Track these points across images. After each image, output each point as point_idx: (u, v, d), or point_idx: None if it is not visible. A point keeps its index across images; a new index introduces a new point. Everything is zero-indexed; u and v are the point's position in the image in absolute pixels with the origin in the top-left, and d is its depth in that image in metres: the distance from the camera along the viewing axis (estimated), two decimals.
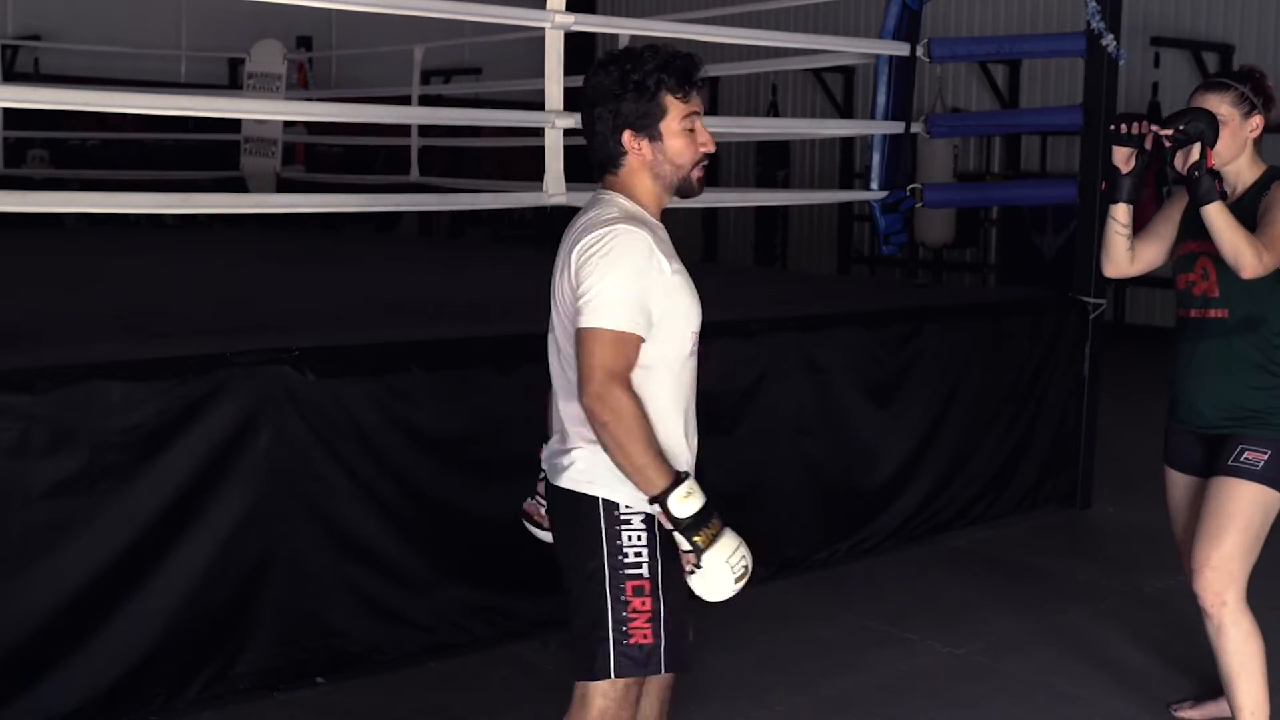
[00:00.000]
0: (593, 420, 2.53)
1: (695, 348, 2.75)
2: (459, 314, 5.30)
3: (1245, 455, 3.41)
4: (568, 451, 2.66)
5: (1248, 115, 3.42)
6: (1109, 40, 5.80)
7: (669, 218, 2.83)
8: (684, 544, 2.54)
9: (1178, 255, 3.59)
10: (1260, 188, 3.43)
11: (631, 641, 2.59)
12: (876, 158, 6.47)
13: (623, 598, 2.59)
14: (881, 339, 5.51)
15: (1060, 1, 11.64)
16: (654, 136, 2.63)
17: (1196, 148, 3.30)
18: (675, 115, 2.62)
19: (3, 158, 10.33)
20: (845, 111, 13.58)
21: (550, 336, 2.71)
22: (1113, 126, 3.42)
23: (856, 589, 5.08)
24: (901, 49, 6.26)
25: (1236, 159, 3.45)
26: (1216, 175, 3.32)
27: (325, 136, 11.15)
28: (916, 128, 6.44)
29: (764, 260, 13.75)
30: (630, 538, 2.60)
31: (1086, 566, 5.36)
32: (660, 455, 2.54)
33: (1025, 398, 6.02)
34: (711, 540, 2.53)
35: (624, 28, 7.39)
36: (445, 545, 4.22)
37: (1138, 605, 4.86)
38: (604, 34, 11.41)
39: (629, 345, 2.56)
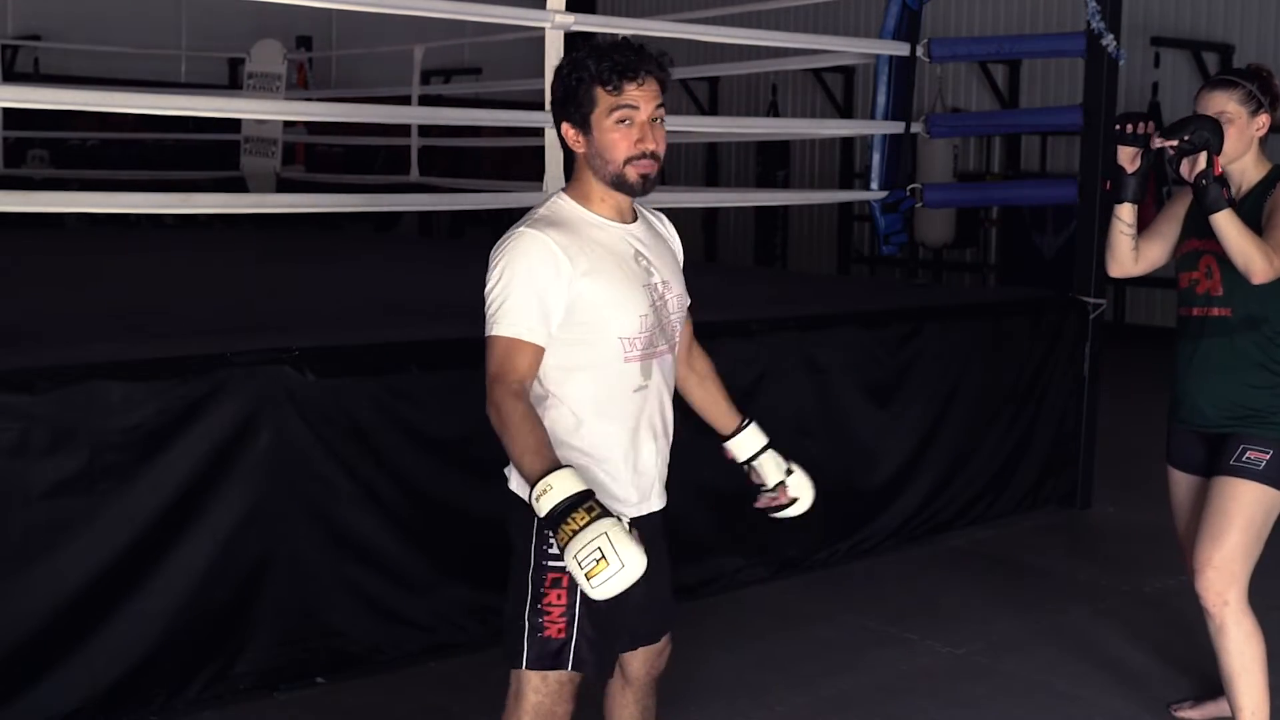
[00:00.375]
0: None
1: (634, 353, 2.65)
2: (459, 314, 5.29)
3: (1248, 455, 3.41)
4: None
5: (1255, 114, 3.42)
6: (1109, 40, 5.80)
7: (670, 217, 2.82)
8: (554, 545, 2.45)
9: (1180, 254, 3.59)
10: (1266, 187, 3.43)
11: (544, 634, 2.61)
12: (876, 158, 6.47)
13: (541, 589, 2.61)
14: (881, 339, 5.51)
15: (1060, 1, 11.64)
16: (587, 129, 2.61)
17: (1204, 155, 3.29)
18: (604, 108, 2.58)
19: (3, 158, 10.34)
20: (845, 111, 13.58)
21: None
22: (1118, 126, 3.42)
23: (856, 589, 5.08)
24: (901, 49, 6.26)
25: (1242, 157, 3.44)
26: (1224, 182, 3.31)
27: (325, 136, 11.16)
28: (916, 128, 6.45)
29: (764, 260, 13.75)
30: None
31: (1086, 566, 5.36)
32: (541, 451, 2.45)
33: (1025, 398, 6.02)
34: (569, 537, 2.37)
35: (624, 28, 7.38)
36: (445, 545, 4.22)
37: (1138, 605, 4.86)
38: (604, 34, 11.45)
39: (518, 352, 2.55)
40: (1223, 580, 3.40)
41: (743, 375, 5.00)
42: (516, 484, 2.66)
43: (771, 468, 3.13)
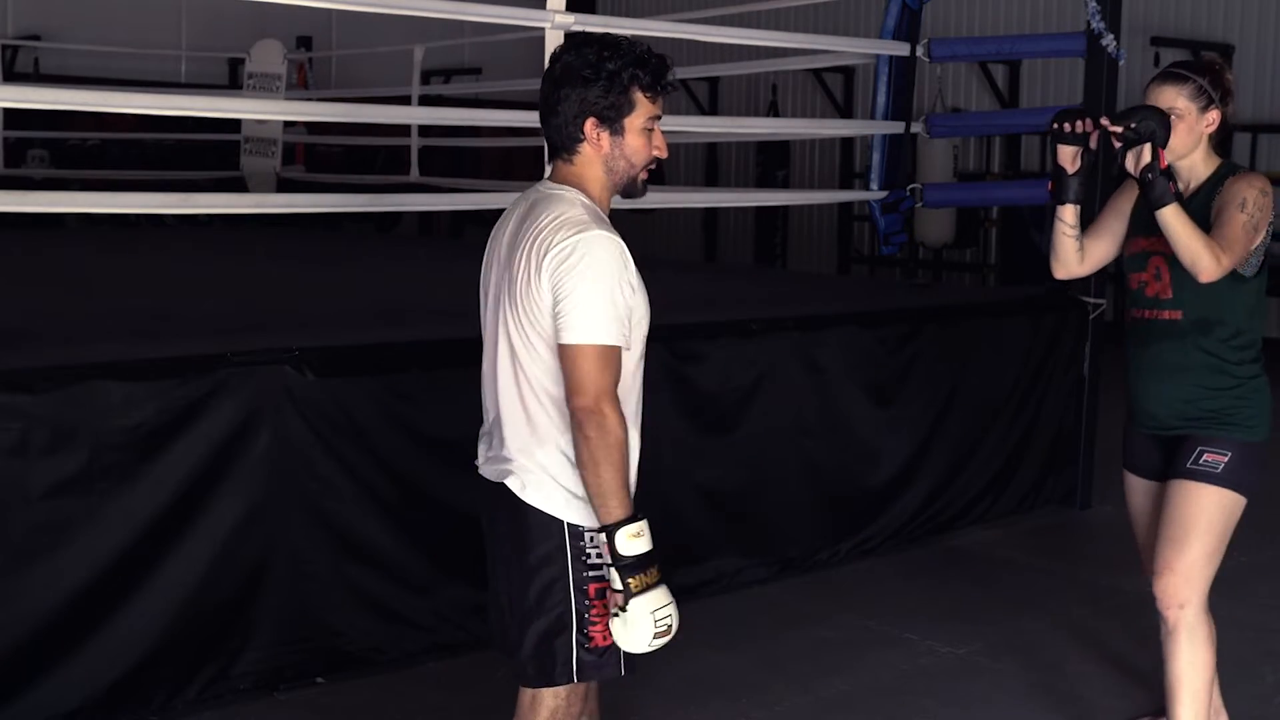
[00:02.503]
0: (579, 432, 2.48)
1: (643, 352, 2.68)
2: (459, 314, 5.30)
3: (1205, 457, 3.32)
4: (513, 462, 2.61)
5: (1205, 109, 3.31)
6: (1109, 40, 5.80)
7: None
8: (616, 583, 2.47)
9: (1128, 254, 3.48)
10: (1214, 184, 3.32)
11: (592, 645, 2.57)
12: (876, 158, 6.47)
13: (586, 600, 2.56)
14: (881, 339, 5.51)
15: (1060, 1, 11.65)
16: (616, 130, 2.57)
17: (1148, 148, 3.18)
18: (641, 113, 2.57)
19: (3, 158, 10.34)
20: (845, 111, 13.58)
21: (492, 332, 2.65)
22: (1055, 125, 3.28)
23: (857, 589, 5.08)
24: (901, 49, 6.26)
25: (1191, 154, 3.33)
26: (1171, 176, 3.21)
27: (325, 136, 11.16)
28: (916, 128, 6.45)
29: (764, 260, 13.74)
30: (594, 538, 2.54)
31: (1086, 566, 5.36)
32: (627, 487, 2.49)
33: (1025, 397, 6.02)
34: (644, 588, 2.45)
35: (624, 28, 7.38)
36: (445, 545, 4.21)
37: (1138, 605, 4.85)
38: (604, 34, 11.44)
39: (616, 359, 2.50)
40: (1182, 587, 3.33)
41: (743, 375, 5.01)
42: (541, 498, 2.58)
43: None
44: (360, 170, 11.22)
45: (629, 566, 2.45)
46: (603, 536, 2.49)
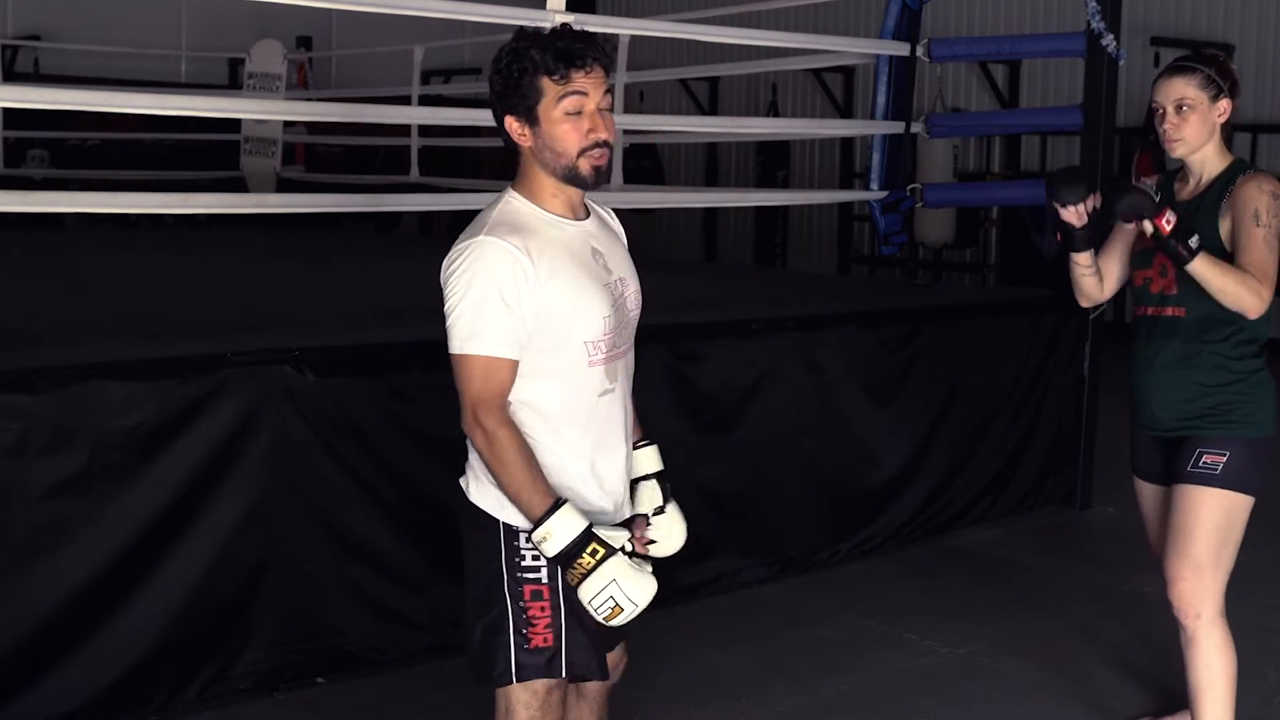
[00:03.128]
0: (473, 447, 2.50)
1: (605, 357, 2.56)
2: None
3: (1204, 459, 3.30)
4: (467, 461, 2.62)
5: (1216, 99, 3.28)
6: (1109, 40, 5.80)
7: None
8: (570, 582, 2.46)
9: (1135, 251, 3.48)
10: (1226, 180, 3.30)
11: (531, 646, 2.53)
12: (876, 158, 6.47)
13: (521, 602, 2.53)
14: (881, 339, 5.51)
15: (1060, 1, 11.65)
16: (534, 121, 2.47)
17: (1147, 223, 3.19)
18: (551, 98, 2.45)
19: (3, 158, 10.34)
20: (845, 111, 13.58)
21: None
22: (1059, 204, 3.33)
23: (857, 589, 5.08)
24: (901, 49, 6.26)
25: (1204, 146, 3.31)
26: (1185, 232, 3.19)
27: (325, 136, 11.16)
28: (916, 128, 6.45)
29: (764, 260, 13.74)
30: (529, 538, 2.50)
31: (1086, 566, 5.36)
32: (536, 485, 2.43)
33: (1025, 398, 6.02)
34: (581, 578, 2.41)
35: (624, 28, 7.40)
36: (445, 545, 4.19)
37: (1138, 605, 4.86)
38: (604, 34, 11.42)
39: (497, 370, 2.45)
40: (1194, 594, 3.32)
41: (743, 375, 5.00)
42: (479, 497, 2.57)
43: (643, 498, 2.76)
44: (360, 170, 11.22)
45: (562, 561, 2.43)
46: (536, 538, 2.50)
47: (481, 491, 2.58)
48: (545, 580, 2.53)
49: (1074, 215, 3.33)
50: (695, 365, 4.85)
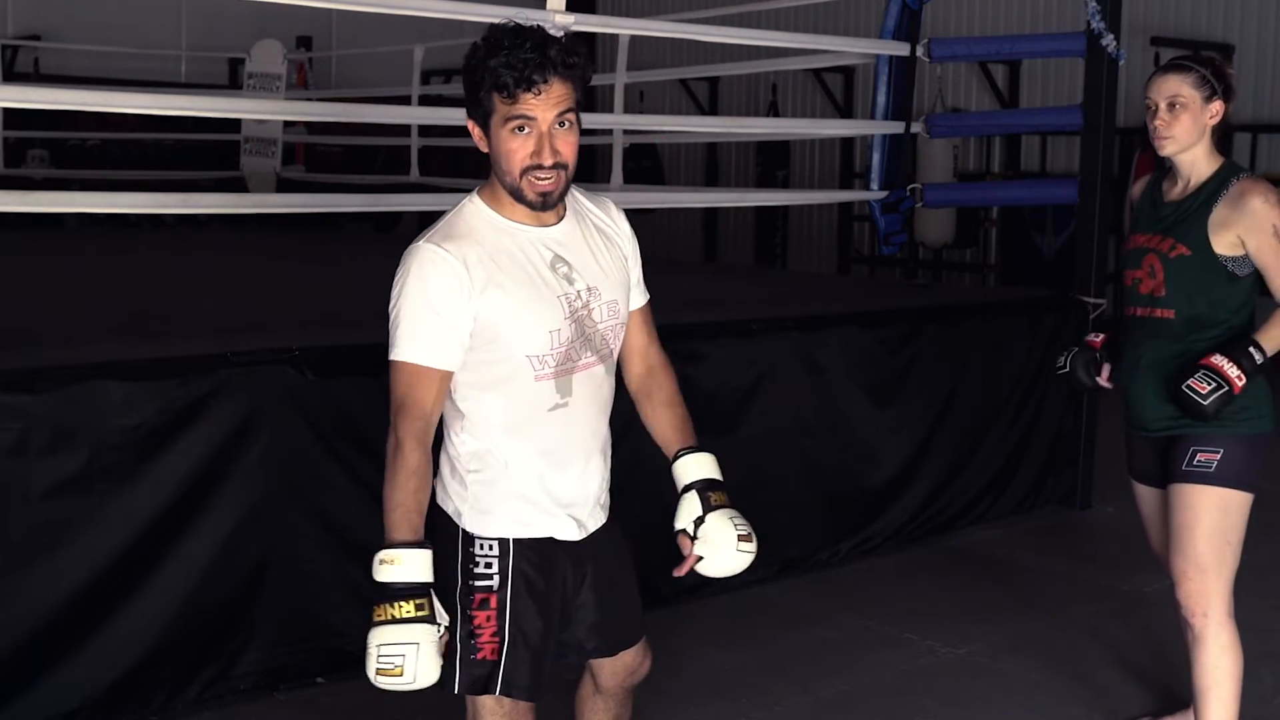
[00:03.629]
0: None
1: (546, 371, 2.46)
2: None
3: (1198, 458, 3.28)
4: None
5: (1209, 99, 3.26)
6: (1109, 40, 5.80)
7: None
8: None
9: (1126, 249, 3.46)
10: (1217, 185, 3.28)
11: (475, 657, 2.48)
12: (876, 158, 6.47)
13: (469, 610, 2.48)
14: (881, 339, 5.51)
15: (1060, 1, 11.64)
16: (487, 131, 2.42)
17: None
18: (499, 116, 2.37)
19: (3, 158, 10.34)
20: (845, 111, 13.56)
21: None
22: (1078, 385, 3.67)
23: (857, 589, 5.08)
24: (901, 49, 6.26)
25: (1194, 146, 3.29)
26: (1244, 356, 3.19)
27: (325, 136, 11.16)
28: (916, 128, 6.45)
29: (764, 260, 13.74)
30: (484, 547, 2.49)
31: (1086, 566, 5.36)
32: (411, 515, 2.35)
33: (1025, 397, 6.02)
34: (384, 620, 2.31)
35: (624, 28, 7.40)
36: None
37: (1138, 605, 4.86)
38: (604, 34, 11.39)
39: (422, 378, 2.39)
40: (1199, 593, 3.31)
41: (743, 375, 5.01)
42: (443, 500, 2.54)
43: (681, 512, 2.63)
44: (360, 170, 11.21)
45: (379, 593, 2.33)
46: (494, 546, 2.48)
47: (445, 496, 2.54)
48: (495, 589, 2.49)
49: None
50: (695, 365, 4.85)
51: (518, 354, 2.44)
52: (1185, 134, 3.27)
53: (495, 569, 2.49)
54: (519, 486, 2.51)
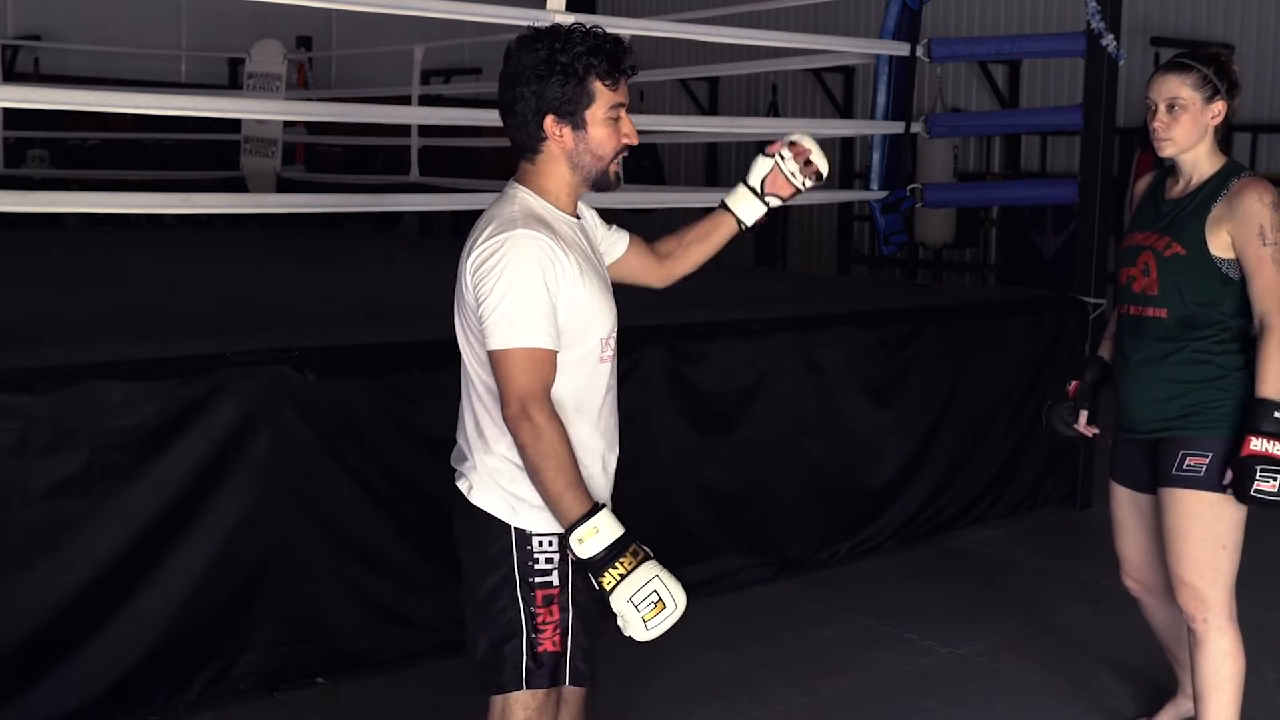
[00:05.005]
0: (515, 440, 2.44)
1: (608, 354, 2.58)
2: None
3: (1187, 461, 3.24)
4: (465, 463, 2.59)
5: (1210, 100, 3.22)
6: (1109, 40, 5.80)
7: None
8: (595, 586, 2.41)
9: (1123, 247, 3.43)
10: (1218, 183, 3.25)
11: (540, 650, 2.52)
12: (876, 158, 6.47)
13: (533, 607, 2.51)
14: (881, 339, 5.51)
15: (1060, 1, 11.64)
16: (578, 124, 2.49)
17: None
18: (602, 104, 2.48)
19: (3, 158, 10.34)
20: (845, 111, 13.56)
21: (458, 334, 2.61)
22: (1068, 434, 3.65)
23: (857, 589, 5.08)
24: (901, 49, 6.26)
25: (1195, 147, 3.25)
26: (1267, 424, 3.13)
27: (325, 136, 11.16)
28: (916, 128, 6.45)
29: (764, 260, 13.73)
30: (541, 543, 2.51)
31: (1086, 566, 5.35)
32: (578, 486, 2.41)
33: (1025, 397, 6.02)
34: (617, 581, 2.37)
35: (624, 28, 7.38)
36: (445, 545, 4.18)
37: (1138, 605, 4.85)
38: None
39: (543, 362, 2.43)
40: (1198, 599, 3.29)
41: (743, 375, 5.00)
42: (485, 501, 2.54)
43: (784, 173, 3.12)
44: (360, 170, 11.21)
45: (597, 565, 2.38)
46: (552, 542, 2.49)
47: (488, 495, 2.54)
48: (556, 584, 2.52)
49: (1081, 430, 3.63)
50: (695, 365, 4.85)
51: (594, 336, 2.53)
52: (1185, 136, 3.24)
53: (555, 564, 2.51)
54: (586, 469, 2.52)
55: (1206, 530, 3.26)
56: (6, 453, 3.44)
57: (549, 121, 2.49)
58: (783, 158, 3.03)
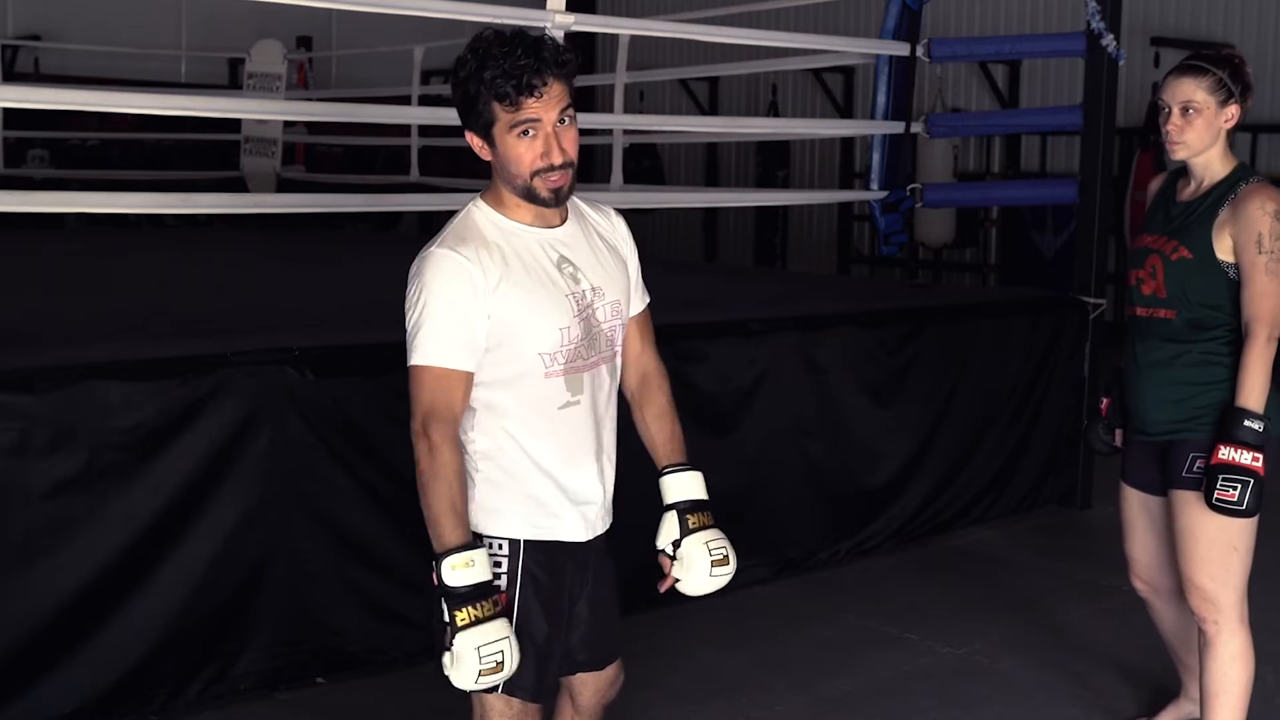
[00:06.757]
0: (414, 456, 2.44)
1: (564, 368, 2.50)
2: None
3: (1198, 464, 3.24)
4: None
5: (1224, 104, 3.22)
6: (1109, 40, 5.80)
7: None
8: (445, 616, 2.36)
9: (1131, 248, 3.44)
10: (1228, 187, 3.25)
11: None
12: (876, 158, 6.47)
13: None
14: (881, 339, 5.51)
15: (1060, 1, 11.64)
16: (490, 141, 2.46)
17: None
18: (504, 122, 2.41)
19: (3, 158, 10.34)
20: (845, 111, 13.57)
21: None
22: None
23: (857, 589, 5.08)
24: (901, 49, 6.26)
25: (1208, 150, 3.26)
26: (1241, 432, 3.14)
27: (325, 136, 11.16)
28: (916, 128, 6.45)
29: (764, 260, 13.74)
30: (493, 546, 2.49)
31: (1086, 566, 5.36)
32: (456, 514, 2.39)
33: (1025, 397, 6.02)
34: (471, 621, 2.33)
35: (624, 28, 7.40)
36: None
37: (1138, 605, 4.83)
38: (604, 34, 11.40)
39: (448, 381, 2.42)
40: (1206, 602, 3.29)
41: (743, 375, 5.01)
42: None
43: (661, 532, 2.68)
44: (360, 170, 11.21)
45: (456, 598, 2.35)
46: (503, 545, 2.48)
47: None
48: (504, 588, 2.49)
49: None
50: (695, 365, 4.85)
51: (529, 351, 2.47)
52: (1198, 140, 3.24)
53: (505, 568, 2.50)
54: (531, 487, 2.52)
55: (1217, 532, 3.25)
56: (6, 453, 3.44)
57: (470, 137, 2.50)
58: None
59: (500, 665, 2.36)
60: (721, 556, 2.65)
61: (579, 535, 2.58)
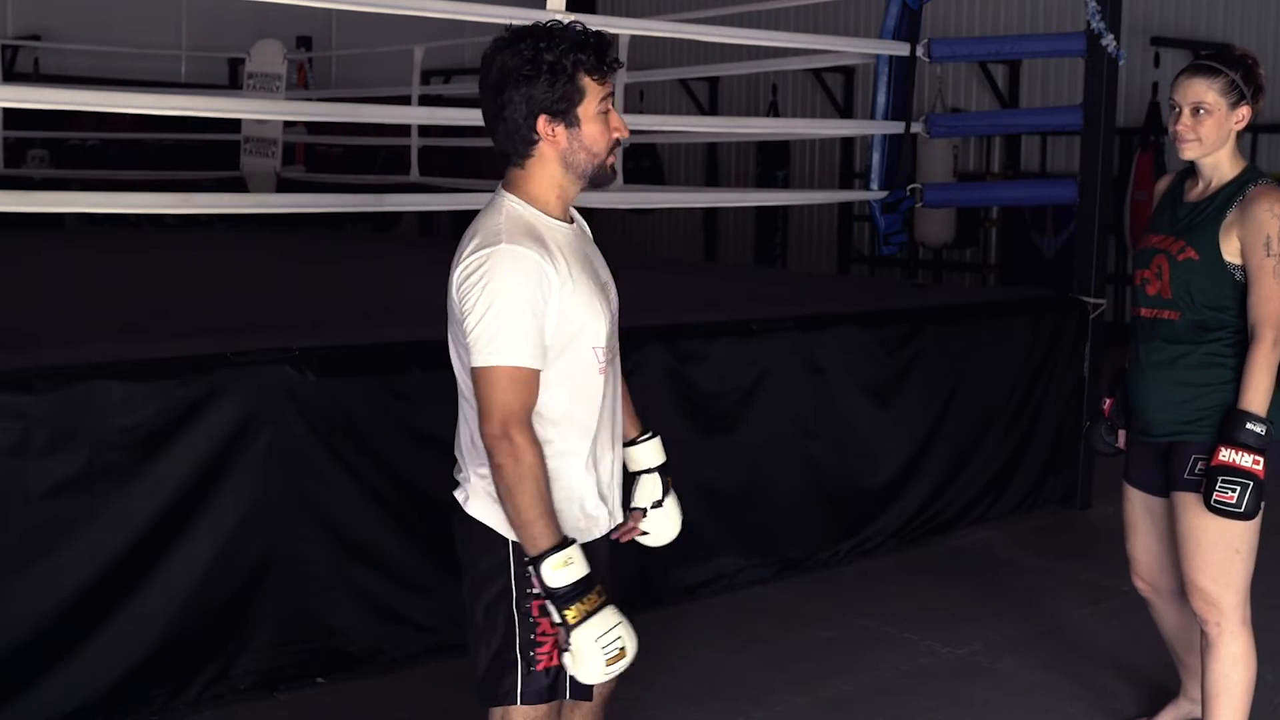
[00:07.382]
0: (491, 460, 2.39)
1: (606, 362, 2.53)
2: None
3: (1200, 466, 3.24)
4: (461, 473, 2.57)
5: (1235, 105, 3.22)
6: (1109, 40, 5.80)
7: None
8: (555, 617, 2.37)
9: (1139, 249, 3.44)
10: (1237, 187, 3.25)
11: (539, 667, 2.49)
12: (876, 158, 6.47)
13: (530, 619, 2.48)
14: (881, 339, 5.51)
15: (1060, 1, 11.64)
16: (571, 122, 2.43)
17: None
18: (593, 98, 2.43)
19: (3, 158, 10.34)
20: (845, 111, 13.57)
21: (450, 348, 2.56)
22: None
23: (857, 589, 5.08)
24: (901, 49, 6.26)
25: (1218, 150, 3.25)
26: (1241, 434, 3.14)
27: (325, 136, 11.15)
28: (916, 128, 6.45)
29: (764, 260, 13.74)
30: None
31: (1086, 566, 5.36)
32: (549, 514, 2.38)
33: (1025, 397, 6.02)
34: (584, 616, 2.34)
35: (624, 28, 7.39)
36: (445, 545, 4.18)
37: (1138, 605, 4.83)
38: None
39: (526, 381, 2.38)
40: (1211, 603, 3.29)
41: (743, 375, 5.01)
42: (483, 513, 2.51)
43: (644, 492, 2.80)
44: (360, 170, 11.21)
45: (563, 598, 2.35)
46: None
47: (485, 508, 2.51)
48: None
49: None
50: (695, 365, 4.85)
51: (587, 346, 2.48)
52: (1208, 140, 3.24)
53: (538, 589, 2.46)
54: (576, 481, 2.51)
55: (1219, 535, 3.25)
56: (6, 453, 3.44)
57: (541, 122, 2.43)
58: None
59: (623, 651, 2.38)
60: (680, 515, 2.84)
61: (604, 527, 2.61)
